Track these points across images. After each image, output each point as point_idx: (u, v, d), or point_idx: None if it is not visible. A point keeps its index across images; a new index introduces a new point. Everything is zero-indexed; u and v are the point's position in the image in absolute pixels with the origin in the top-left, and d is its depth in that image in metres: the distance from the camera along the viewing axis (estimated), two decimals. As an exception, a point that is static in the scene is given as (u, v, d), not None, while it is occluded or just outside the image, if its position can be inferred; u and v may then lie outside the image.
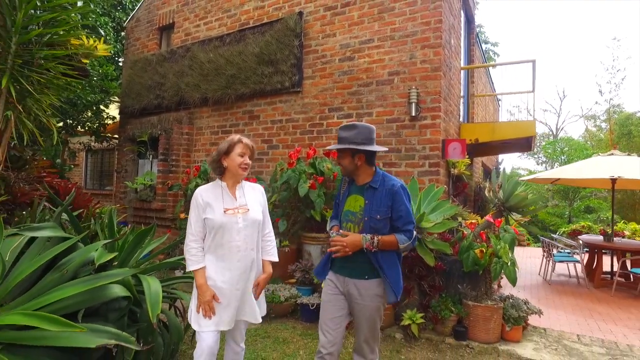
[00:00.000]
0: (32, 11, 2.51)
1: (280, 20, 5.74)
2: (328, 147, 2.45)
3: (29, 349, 2.01)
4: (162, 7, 7.63)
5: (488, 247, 3.64)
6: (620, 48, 35.61)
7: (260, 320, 2.31)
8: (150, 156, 7.12)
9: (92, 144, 9.08)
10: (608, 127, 21.38)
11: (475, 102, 7.97)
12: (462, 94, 6.56)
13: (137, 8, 8.28)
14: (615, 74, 22.69)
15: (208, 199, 2.21)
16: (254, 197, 2.35)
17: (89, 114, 8.16)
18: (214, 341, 2.17)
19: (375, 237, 2.13)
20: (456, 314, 3.73)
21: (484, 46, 18.89)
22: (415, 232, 2.22)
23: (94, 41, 3.67)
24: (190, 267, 2.19)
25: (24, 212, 3.17)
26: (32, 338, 1.98)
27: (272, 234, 2.46)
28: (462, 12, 6.45)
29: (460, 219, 4.24)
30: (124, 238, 2.91)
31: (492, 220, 3.85)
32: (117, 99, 8.34)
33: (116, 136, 9.01)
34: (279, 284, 4.50)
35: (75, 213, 3.38)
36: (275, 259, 2.43)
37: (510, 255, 3.66)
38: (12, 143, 3.50)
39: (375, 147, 2.19)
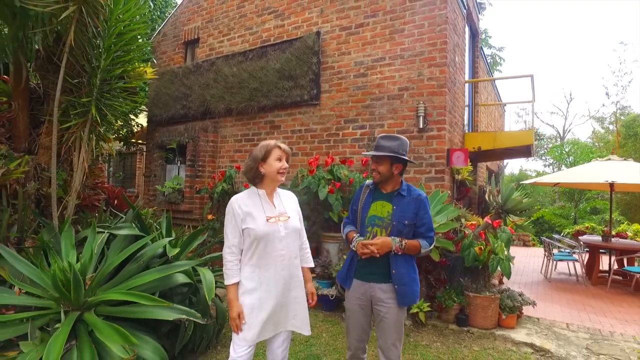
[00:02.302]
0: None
1: (299, 39, 6.31)
2: (369, 153, 2.44)
3: (118, 320, 2.59)
4: (188, 23, 8.25)
5: (487, 245, 4.17)
6: (627, 51, 35.92)
7: (309, 331, 2.26)
8: (179, 162, 7.73)
9: (122, 150, 9.73)
10: (616, 128, 21.62)
11: (480, 110, 8.46)
12: (467, 103, 7.07)
13: (163, 24, 8.91)
14: (622, 77, 22.88)
15: (247, 208, 2.13)
16: (291, 205, 2.30)
17: (119, 122, 8.80)
18: (248, 357, 2.12)
19: (403, 241, 2.26)
20: (458, 304, 4.26)
21: (489, 51, 19.31)
22: (434, 238, 2.41)
23: (144, 66, 4.28)
24: (227, 281, 2.11)
25: (95, 214, 3.78)
26: (125, 312, 2.58)
27: (307, 242, 2.43)
28: (466, 27, 6.96)
29: (463, 220, 4.76)
30: (180, 237, 3.50)
31: (490, 221, 4.38)
32: (144, 108, 8.97)
33: (140, 141, 9.65)
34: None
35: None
36: (312, 265, 2.41)
37: (506, 252, 4.18)
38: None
39: (412, 160, 2.51)
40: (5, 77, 3.87)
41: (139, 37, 3.51)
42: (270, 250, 2.11)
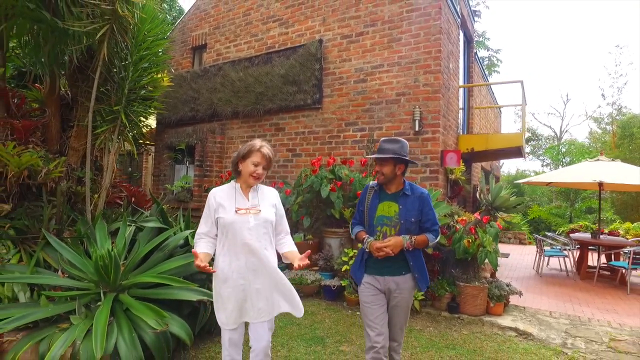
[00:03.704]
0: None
1: (303, 46, 6.69)
2: (373, 156, 2.51)
3: (146, 301, 2.97)
4: (195, 29, 8.64)
5: (475, 239, 4.55)
6: (622, 54, 36.63)
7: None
8: (187, 162, 8.12)
9: (134, 152, 10.07)
10: (612, 129, 22.00)
11: (475, 112, 8.84)
12: (461, 106, 7.45)
13: (171, 29, 9.30)
14: (617, 79, 23.26)
15: (221, 199, 2.24)
16: (267, 199, 2.35)
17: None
18: (235, 335, 2.26)
19: (412, 237, 2.41)
20: (450, 293, 4.65)
21: (487, 53, 19.69)
22: (439, 231, 2.55)
23: (161, 74, 4.67)
24: (194, 249, 2.22)
25: (120, 210, 4.16)
26: (155, 293, 2.96)
27: (289, 236, 2.45)
28: (461, 34, 7.33)
29: (455, 216, 5.12)
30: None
31: (479, 217, 4.75)
32: (152, 110, 9.34)
33: (148, 142, 10.01)
34: (305, 270, 5.45)
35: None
36: (295, 248, 2.41)
37: (493, 245, 4.56)
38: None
39: (414, 161, 2.67)
40: (38, 85, 4.26)
41: (160, 51, 3.89)
42: (240, 239, 2.18)
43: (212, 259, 2.33)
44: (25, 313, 2.51)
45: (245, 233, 2.18)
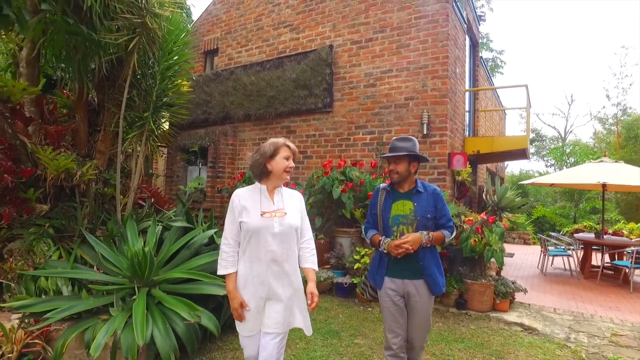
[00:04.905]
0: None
1: (313, 51, 6.90)
2: (388, 154, 2.47)
3: (175, 295, 3.18)
4: (207, 34, 8.87)
5: (482, 238, 4.74)
6: (628, 55, 36.46)
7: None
8: (200, 163, 8.35)
9: (157, 155, 10.30)
10: (617, 130, 22.08)
11: (480, 115, 9.02)
12: (467, 109, 7.63)
13: (193, 39, 9.53)
14: (622, 80, 23.33)
15: (245, 203, 2.16)
16: (292, 203, 2.27)
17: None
18: (256, 349, 2.16)
19: (430, 233, 2.39)
20: (458, 290, 4.84)
21: (491, 54, 19.82)
22: (454, 227, 2.54)
23: (181, 80, 4.89)
24: (220, 271, 2.16)
25: (145, 210, 4.38)
26: (184, 288, 3.18)
27: (312, 241, 2.33)
28: (467, 38, 7.51)
29: (462, 216, 5.31)
30: (219, 230, 4.10)
31: (486, 217, 4.94)
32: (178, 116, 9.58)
33: (159, 144, 10.25)
34: (317, 268, 5.65)
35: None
36: (315, 267, 2.30)
37: (499, 244, 4.75)
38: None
39: (425, 157, 2.55)
40: (66, 92, 4.50)
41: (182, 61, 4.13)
42: (263, 245, 2.10)
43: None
44: (70, 305, 2.73)
45: (268, 239, 2.10)
